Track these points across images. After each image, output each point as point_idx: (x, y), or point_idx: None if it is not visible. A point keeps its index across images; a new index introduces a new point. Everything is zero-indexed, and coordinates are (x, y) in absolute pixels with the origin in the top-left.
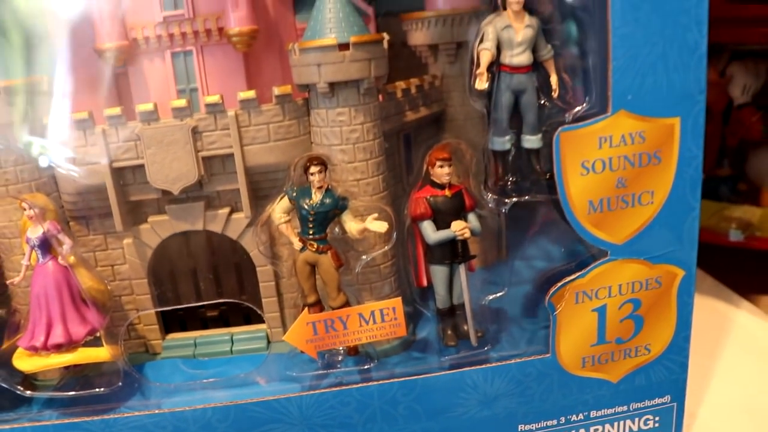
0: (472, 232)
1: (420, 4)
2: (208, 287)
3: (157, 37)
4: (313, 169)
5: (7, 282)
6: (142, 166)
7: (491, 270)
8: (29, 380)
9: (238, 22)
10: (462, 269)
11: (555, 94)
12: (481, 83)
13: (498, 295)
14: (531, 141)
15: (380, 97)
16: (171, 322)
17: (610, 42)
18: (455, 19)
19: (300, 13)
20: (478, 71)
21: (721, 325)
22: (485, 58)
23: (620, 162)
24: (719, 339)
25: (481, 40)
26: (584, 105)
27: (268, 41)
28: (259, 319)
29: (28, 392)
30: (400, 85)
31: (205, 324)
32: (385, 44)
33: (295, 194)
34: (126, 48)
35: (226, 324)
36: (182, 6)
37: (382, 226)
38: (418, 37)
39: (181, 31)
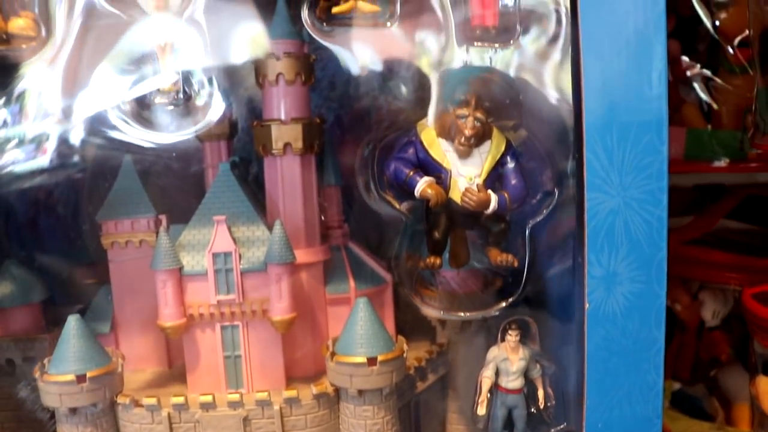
0: None
1: None
2: None
3: (210, 315)
4: None
5: None
6: None
7: None
8: None
9: (280, 311)
10: None
11: (541, 405)
12: (482, 409)
13: None
14: None
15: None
16: None
17: (585, 386)
18: (462, 299)
19: (330, 285)
20: (479, 399)
21: None
22: (486, 385)
23: None
24: None
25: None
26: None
27: (302, 314)
28: None
29: None
30: (413, 363)
31: None
32: (405, 355)
33: None
34: (183, 324)
35: None
36: (234, 292)
37: None
38: (430, 311)
39: (231, 311)
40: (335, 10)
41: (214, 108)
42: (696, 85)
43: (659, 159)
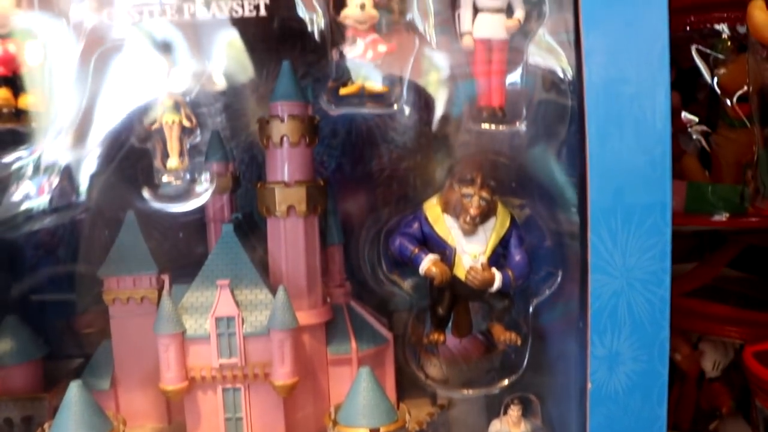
0: None
1: None
2: None
3: (212, 378)
4: None
5: None
6: None
7: None
8: None
9: (282, 376)
10: None
11: None
12: None
13: None
14: None
15: None
16: None
17: None
18: (463, 367)
19: (331, 345)
20: None
21: None
22: None
23: None
24: None
25: None
26: None
27: (304, 375)
28: None
29: None
30: (414, 427)
31: None
32: (407, 426)
33: None
34: (185, 387)
35: None
36: (236, 356)
37: None
38: (432, 372)
39: (233, 374)
40: (343, 91)
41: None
42: (695, 137)
43: (663, 240)
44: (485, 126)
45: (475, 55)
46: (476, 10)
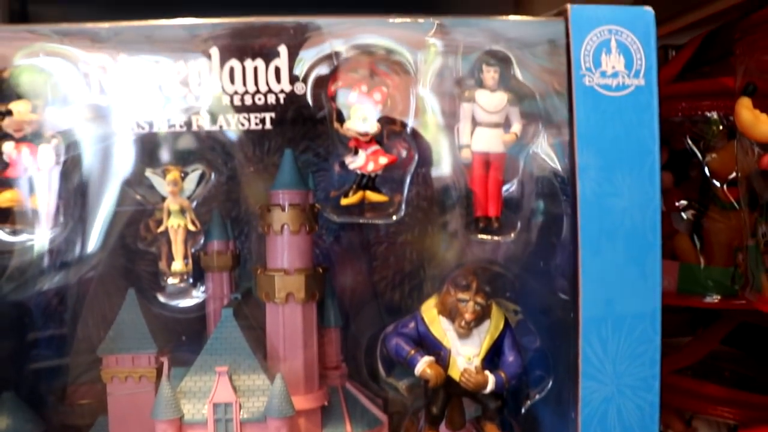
0: None
1: None
2: None
3: None
4: None
5: None
6: None
7: None
8: None
9: None
10: None
11: None
12: None
13: None
14: None
15: None
16: None
17: None
18: None
19: (326, 429)
20: None
21: None
22: None
23: None
24: None
25: None
26: None
27: None
28: None
29: None
30: None
31: None
32: None
33: None
34: None
35: None
36: None
37: None
38: None
39: None
40: (344, 201)
41: None
42: (686, 216)
43: (652, 347)
44: (481, 236)
45: (473, 167)
46: (475, 124)
